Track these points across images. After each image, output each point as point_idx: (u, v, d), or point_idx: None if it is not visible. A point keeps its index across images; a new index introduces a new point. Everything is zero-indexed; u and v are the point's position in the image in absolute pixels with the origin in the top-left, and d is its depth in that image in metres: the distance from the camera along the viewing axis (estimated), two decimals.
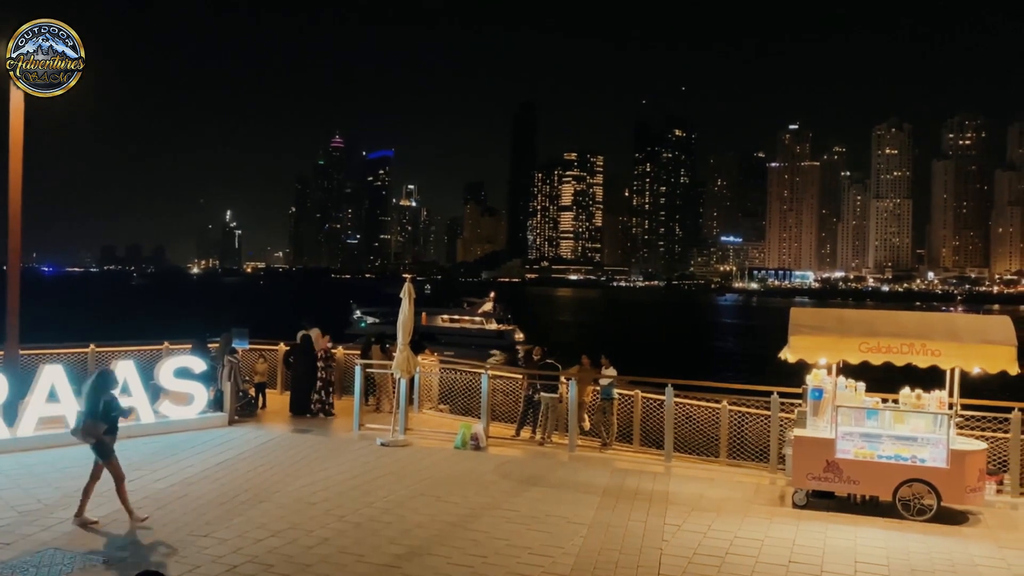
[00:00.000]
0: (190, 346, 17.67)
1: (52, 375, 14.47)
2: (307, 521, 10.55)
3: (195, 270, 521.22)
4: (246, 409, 17.66)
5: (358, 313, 66.96)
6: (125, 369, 15.30)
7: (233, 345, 17.56)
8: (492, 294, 77.97)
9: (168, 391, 15.93)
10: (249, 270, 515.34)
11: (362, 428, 16.73)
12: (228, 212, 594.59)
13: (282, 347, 19.96)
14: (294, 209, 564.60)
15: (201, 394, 16.23)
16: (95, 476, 10.52)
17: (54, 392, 14.45)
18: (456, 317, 70.62)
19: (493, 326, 65.76)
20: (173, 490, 11.86)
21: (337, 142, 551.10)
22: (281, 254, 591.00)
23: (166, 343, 18.87)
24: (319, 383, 18.19)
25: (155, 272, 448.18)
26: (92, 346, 18.34)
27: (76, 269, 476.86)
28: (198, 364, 16.33)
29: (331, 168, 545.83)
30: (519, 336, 65.77)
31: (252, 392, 18.27)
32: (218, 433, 15.83)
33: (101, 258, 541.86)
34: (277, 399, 19.27)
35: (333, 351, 19.21)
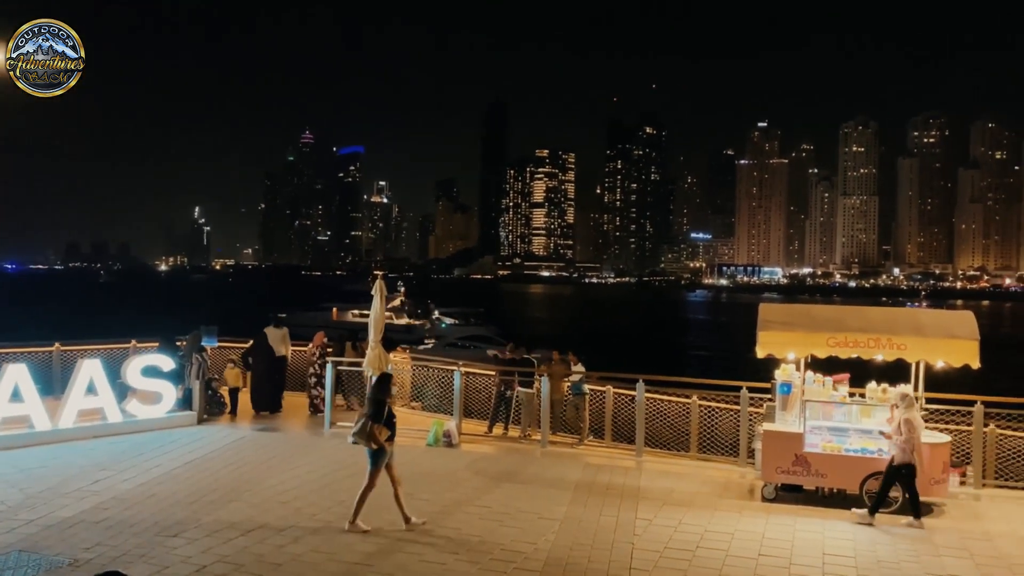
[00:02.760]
0: (157, 344, 17.46)
1: (16, 374, 14.22)
2: (278, 520, 10.47)
3: (163, 267, 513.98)
4: (215, 408, 17.48)
5: (436, 314, 65.81)
6: (91, 368, 15.09)
7: (202, 343, 17.38)
8: (403, 289, 78.23)
9: (136, 390, 15.72)
10: (218, 267, 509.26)
11: (333, 426, 16.63)
12: (196, 208, 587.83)
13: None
14: (263, 206, 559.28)
15: (170, 393, 16.04)
16: (395, 481, 10.41)
17: (18, 392, 14.21)
18: (367, 312, 70.67)
19: (404, 320, 65.77)
20: (141, 490, 11.71)
21: (307, 138, 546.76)
22: (250, 251, 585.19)
23: (133, 341, 18.63)
24: (314, 379, 18.11)
25: (122, 269, 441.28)
26: (57, 345, 18.07)
27: (40, 267, 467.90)
28: (166, 362, 16.14)
29: (301, 164, 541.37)
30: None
31: (224, 392, 18.03)
32: (187, 432, 15.65)
33: (66, 255, 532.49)
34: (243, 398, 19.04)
35: (329, 348, 19.02)
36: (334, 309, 73.42)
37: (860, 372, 12.97)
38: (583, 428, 16.28)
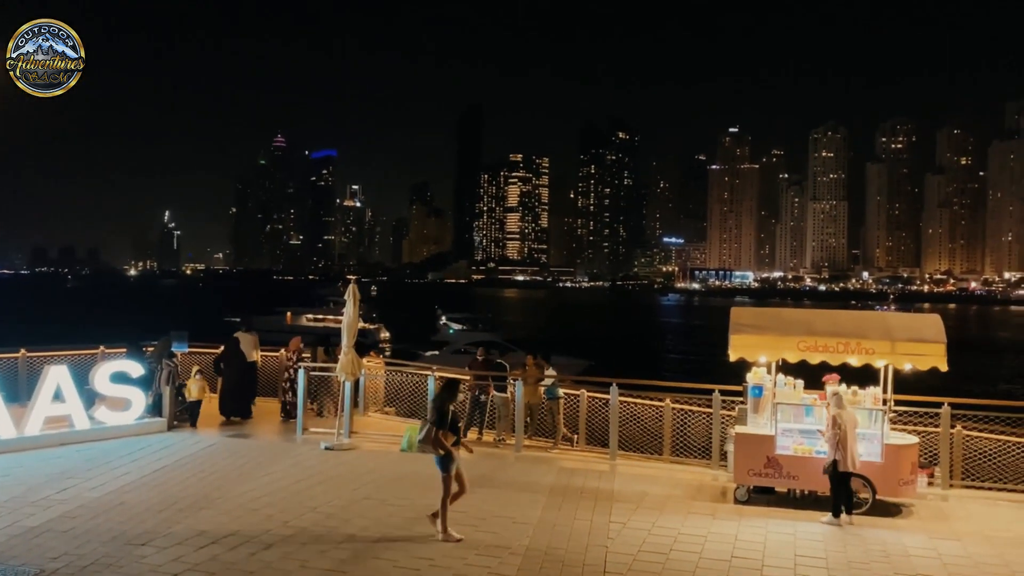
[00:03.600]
0: (126, 350, 17.23)
1: None
2: (250, 527, 10.36)
3: (132, 272, 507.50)
4: (186, 414, 17.27)
5: (444, 320, 64.97)
6: (58, 374, 14.86)
7: (172, 348, 17.18)
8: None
9: (104, 396, 15.49)
10: (188, 272, 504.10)
11: (306, 432, 16.51)
12: (167, 212, 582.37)
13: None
14: (235, 210, 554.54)
15: (139, 399, 15.83)
16: (462, 487, 10.21)
17: None
18: (320, 316, 71.16)
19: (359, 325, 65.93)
20: (109, 498, 11.54)
21: (279, 141, 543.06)
22: (221, 255, 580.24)
23: (102, 347, 18.38)
24: (289, 384, 17.96)
25: (90, 274, 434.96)
26: (23, 351, 17.76)
27: (6, 271, 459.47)
28: (135, 368, 15.92)
29: (273, 168, 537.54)
30: (384, 335, 65.92)
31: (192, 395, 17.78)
32: (157, 439, 15.45)
33: (32, 259, 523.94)
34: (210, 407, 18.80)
35: (305, 355, 18.86)
36: (288, 313, 73.10)
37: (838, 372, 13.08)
38: (557, 432, 16.30)
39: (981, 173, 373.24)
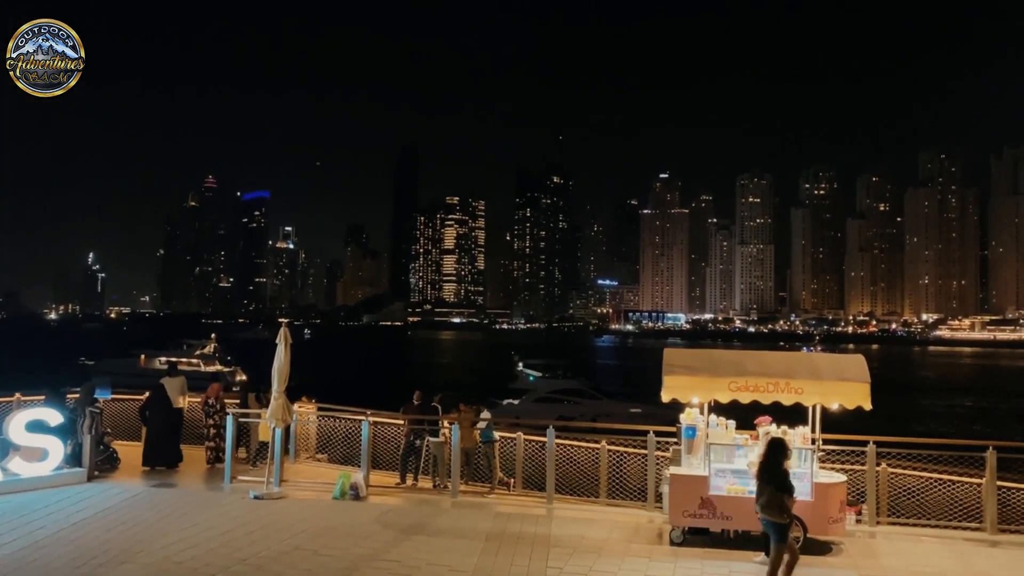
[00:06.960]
0: (44, 397, 16.51)
1: None
2: None
3: (52, 315, 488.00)
4: (107, 463, 16.58)
5: (521, 366, 62.72)
6: None
7: (95, 395, 16.54)
8: (213, 335, 77.18)
9: (19, 446, 14.77)
10: (113, 315, 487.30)
11: (234, 480, 16.01)
12: (91, 254, 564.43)
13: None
14: (163, 251, 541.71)
15: (57, 449, 15.12)
16: (778, 563, 9.45)
17: None
18: (173, 359, 70.70)
19: (214, 367, 64.67)
20: (22, 555, 10.94)
21: (210, 182, 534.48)
22: (148, 299, 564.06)
23: (17, 394, 17.55)
24: (213, 431, 17.42)
25: (6, 318, 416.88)
26: None
27: None
28: (54, 416, 15.25)
29: (203, 209, 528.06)
30: (240, 377, 64.89)
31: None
32: (75, 490, 14.76)
33: None
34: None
35: (228, 400, 18.33)
36: (142, 356, 71.46)
37: (768, 413, 13.34)
38: (493, 476, 16.16)
39: (898, 218, 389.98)
